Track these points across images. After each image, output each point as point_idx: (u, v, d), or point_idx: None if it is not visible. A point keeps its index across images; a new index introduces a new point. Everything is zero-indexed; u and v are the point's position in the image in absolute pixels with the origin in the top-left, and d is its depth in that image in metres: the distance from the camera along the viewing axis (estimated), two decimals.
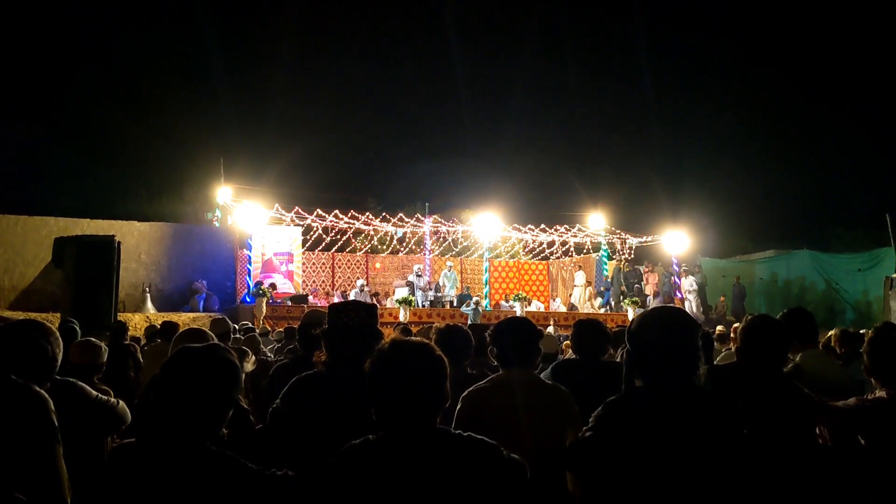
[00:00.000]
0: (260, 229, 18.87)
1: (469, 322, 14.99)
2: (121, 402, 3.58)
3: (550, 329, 12.35)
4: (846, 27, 40.03)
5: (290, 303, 17.46)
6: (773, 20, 44.44)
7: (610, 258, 22.97)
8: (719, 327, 9.83)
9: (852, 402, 3.22)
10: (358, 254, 22.92)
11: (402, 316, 16.80)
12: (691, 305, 19.82)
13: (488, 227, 20.79)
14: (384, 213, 21.02)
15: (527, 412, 3.14)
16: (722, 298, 21.18)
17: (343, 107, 51.94)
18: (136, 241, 17.82)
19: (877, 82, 37.24)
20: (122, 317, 11.99)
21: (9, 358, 2.77)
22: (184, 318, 14.71)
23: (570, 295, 23.46)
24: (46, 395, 2.68)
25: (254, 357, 5.67)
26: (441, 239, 23.15)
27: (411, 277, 20.17)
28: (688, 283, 20.59)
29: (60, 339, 3.03)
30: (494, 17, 57.20)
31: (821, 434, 3.26)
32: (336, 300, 13.49)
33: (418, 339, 2.20)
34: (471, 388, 3.27)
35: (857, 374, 4.72)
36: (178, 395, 2.12)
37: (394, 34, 56.94)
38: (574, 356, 4.65)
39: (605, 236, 22.55)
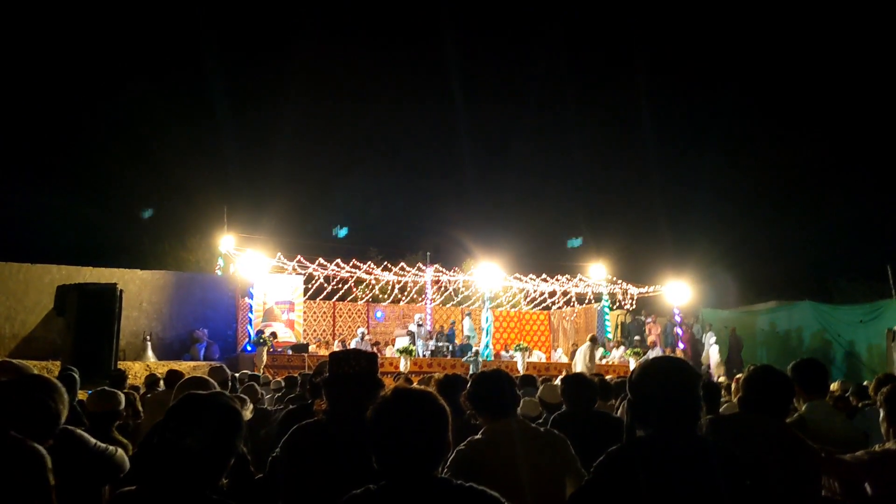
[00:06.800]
0: (262, 278, 18.90)
1: (470, 372, 14.91)
2: (119, 451, 3.56)
3: (558, 381, 12.25)
4: (849, 81, 40.68)
5: (290, 352, 17.39)
6: (777, 73, 45.18)
7: (611, 309, 22.93)
8: (722, 378, 9.78)
9: (861, 454, 3.21)
10: (359, 303, 22.91)
11: (403, 365, 16.70)
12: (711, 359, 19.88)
13: (489, 276, 20.80)
14: (385, 263, 21.08)
15: (524, 461, 3.13)
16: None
17: (345, 156, 52.54)
18: (138, 289, 17.83)
19: (880, 135, 37.67)
20: (122, 365, 11.95)
21: (10, 414, 2.76)
22: (184, 367, 14.55)
23: (573, 344, 23.37)
24: (44, 452, 2.65)
25: (251, 405, 5.67)
26: (442, 288, 23.14)
27: (412, 327, 20.11)
28: (708, 337, 20.69)
29: (65, 394, 3.02)
30: (497, 67, 58.24)
31: (829, 486, 3.23)
32: (336, 349, 13.45)
33: (421, 387, 2.21)
34: (465, 443, 3.24)
35: (863, 426, 4.70)
36: (182, 442, 2.12)
37: (396, 84, 57.82)
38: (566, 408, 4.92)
39: (607, 286, 22.55)
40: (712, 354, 20.11)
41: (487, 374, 3.61)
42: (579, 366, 16.34)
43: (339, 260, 19.79)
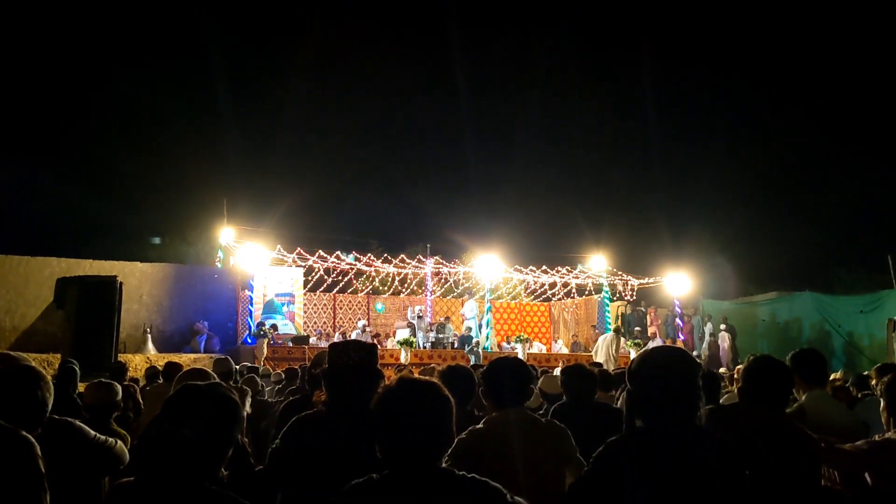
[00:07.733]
0: (262, 270, 18.89)
1: (472, 363, 14.90)
2: (119, 443, 3.55)
3: (557, 371, 12.27)
4: (850, 71, 40.56)
5: (291, 344, 17.41)
6: (780, 65, 45.05)
7: (612, 300, 22.92)
8: (722, 369, 9.79)
9: (861, 444, 3.20)
10: (359, 295, 22.91)
11: (404, 357, 16.72)
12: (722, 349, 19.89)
13: (490, 268, 20.77)
14: (386, 255, 21.06)
15: (524, 452, 3.12)
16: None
17: (346, 148, 52.42)
18: (139, 282, 17.82)
19: (880, 125, 37.56)
20: (122, 357, 11.96)
21: None
22: (185, 359, 14.62)
23: (573, 336, 23.37)
24: (32, 440, 2.65)
25: (250, 398, 5.69)
26: (443, 280, 23.12)
27: (411, 318, 20.10)
28: (709, 328, 20.67)
29: (51, 384, 3.02)
30: (500, 58, 57.97)
31: (829, 476, 3.23)
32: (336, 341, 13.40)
33: (426, 377, 2.19)
34: (466, 432, 3.23)
35: (863, 416, 4.70)
36: (179, 432, 2.11)
37: (398, 77, 57.65)
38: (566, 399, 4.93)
39: (607, 278, 22.53)
40: (722, 342, 20.15)
41: (501, 361, 3.59)
42: (601, 355, 16.34)
43: (339, 252, 19.78)
